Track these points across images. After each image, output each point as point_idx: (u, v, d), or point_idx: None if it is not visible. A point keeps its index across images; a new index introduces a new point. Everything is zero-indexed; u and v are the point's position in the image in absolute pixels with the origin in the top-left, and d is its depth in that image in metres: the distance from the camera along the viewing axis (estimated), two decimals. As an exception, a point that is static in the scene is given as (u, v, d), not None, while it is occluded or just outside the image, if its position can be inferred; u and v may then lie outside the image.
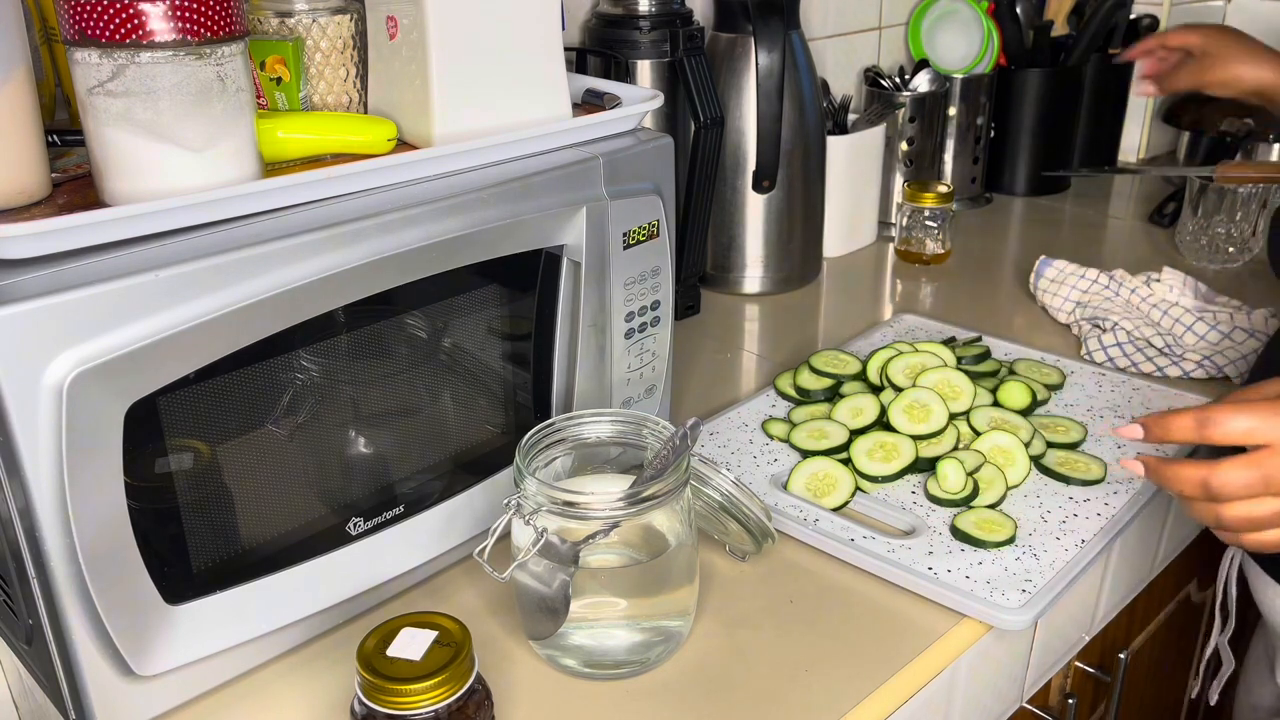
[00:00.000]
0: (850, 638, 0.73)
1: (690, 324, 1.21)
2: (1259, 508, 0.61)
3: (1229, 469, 0.60)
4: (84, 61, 0.57)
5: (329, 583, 0.72)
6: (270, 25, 0.73)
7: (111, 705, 0.63)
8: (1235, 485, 0.60)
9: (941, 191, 1.36)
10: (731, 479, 0.76)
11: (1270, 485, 0.60)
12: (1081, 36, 1.56)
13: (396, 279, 0.68)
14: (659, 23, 1.11)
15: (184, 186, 0.60)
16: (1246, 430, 0.60)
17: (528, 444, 0.69)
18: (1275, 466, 0.60)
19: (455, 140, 0.71)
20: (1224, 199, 1.31)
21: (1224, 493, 0.61)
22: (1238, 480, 0.60)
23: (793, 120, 1.21)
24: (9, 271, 0.55)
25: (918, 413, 0.92)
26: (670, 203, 0.83)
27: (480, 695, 0.61)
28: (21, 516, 0.57)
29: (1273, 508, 0.61)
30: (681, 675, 0.70)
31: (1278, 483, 0.60)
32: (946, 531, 0.82)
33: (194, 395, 0.62)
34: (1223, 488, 0.61)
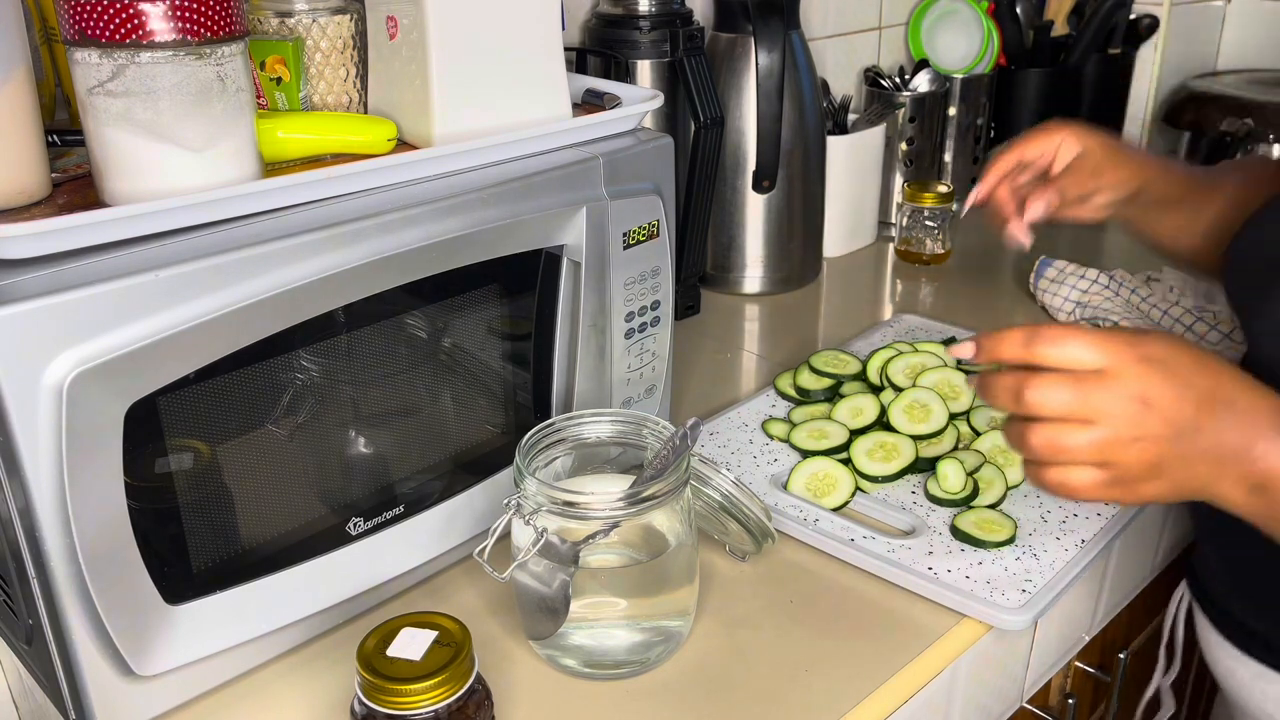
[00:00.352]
0: (850, 638, 0.73)
1: (690, 324, 1.21)
2: (1068, 436, 0.56)
3: (1045, 382, 0.55)
4: (84, 61, 0.57)
5: (329, 583, 0.72)
6: (270, 25, 0.73)
7: (111, 705, 0.63)
8: (1049, 402, 0.56)
9: (941, 191, 1.36)
10: (731, 479, 0.76)
11: (1087, 412, 0.55)
12: (1081, 36, 1.56)
13: (396, 279, 0.68)
14: (659, 23, 1.11)
15: (184, 186, 0.60)
16: (1075, 354, 0.55)
17: (528, 444, 0.69)
18: (1099, 395, 0.55)
19: (455, 140, 0.71)
20: (1224, 199, 1.31)
21: (1034, 407, 0.56)
22: (1053, 398, 0.55)
23: (793, 120, 1.21)
24: (9, 271, 0.55)
25: (918, 413, 0.92)
26: (670, 203, 0.83)
27: (480, 695, 0.61)
28: (21, 516, 0.57)
29: (1083, 438, 0.55)
30: (681, 675, 0.70)
31: (1096, 412, 0.55)
32: (946, 531, 0.82)
33: (194, 395, 0.62)
34: (1034, 401, 0.56)
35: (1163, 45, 1.73)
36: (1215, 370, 0.56)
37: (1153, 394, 0.55)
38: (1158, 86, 1.76)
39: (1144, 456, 0.56)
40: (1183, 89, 1.70)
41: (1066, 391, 0.55)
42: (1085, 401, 0.55)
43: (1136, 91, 1.72)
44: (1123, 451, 0.56)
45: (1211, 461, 0.56)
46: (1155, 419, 0.55)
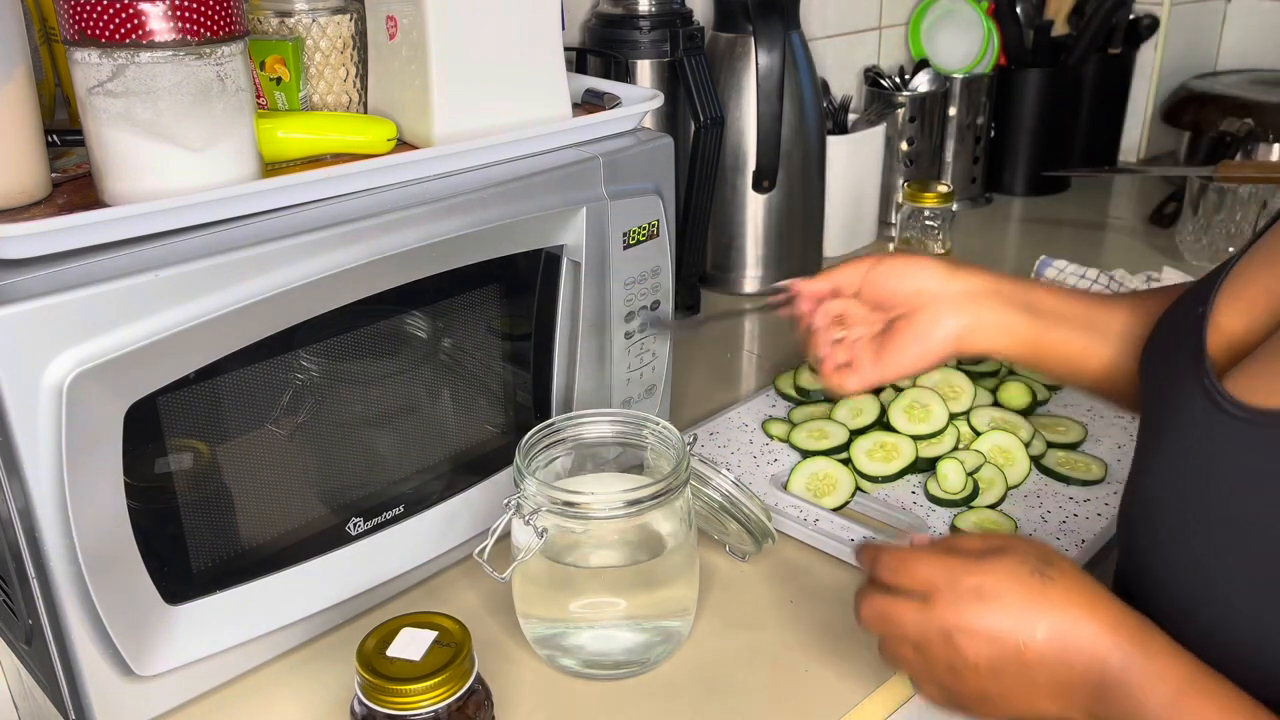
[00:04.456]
0: (851, 638, 0.73)
1: (690, 324, 1.21)
2: (898, 650, 0.58)
3: (868, 598, 0.59)
4: (84, 61, 0.57)
5: (329, 583, 0.72)
6: (270, 25, 0.73)
7: (111, 705, 0.63)
8: (871, 617, 0.59)
9: (941, 191, 1.36)
10: (731, 479, 0.76)
11: (907, 634, 0.57)
12: (1081, 36, 1.56)
13: (396, 279, 0.68)
14: (659, 23, 1.11)
15: (184, 186, 0.60)
16: (909, 579, 0.57)
17: (528, 444, 0.69)
18: (914, 621, 0.56)
19: (455, 140, 0.71)
20: (1224, 199, 1.31)
21: (862, 618, 0.59)
22: (873, 614, 0.59)
23: (793, 120, 1.21)
24: (9, 271, 0.55)
25: (918, 413, 0.92)
26: (670, 203, 0.83)
27: (480, 695, 0.61)
28: (21, 516, 0.57)
29: (908, 653, 0.58)
30: (681, 675, 0.70)
31: (914, 639, 0.57)
32: (947, 531, 0.82)
33: (194, 395, 0.62)
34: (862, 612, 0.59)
35: (1163, 45, 1.73)
36: (1052, 602, 0.54)
37: (965, 629, 0.55)
38: (1158, 86, 1.76)
39: (964, 686, 0.56)
40: (1183, 89, 1.70)
41: (889, 612, 0.58)
42: (903, 627, 0.57)
43: (1136, 91, 1.72)
44: (944, 676, 0.56)
45: (1052, 696, 0.54)
46: (968, 653, 0.55)
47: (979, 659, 0.54)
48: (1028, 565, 0.55)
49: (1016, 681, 0.54)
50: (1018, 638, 0.54)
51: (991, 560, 0.56)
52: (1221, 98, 1.61)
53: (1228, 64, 1.87)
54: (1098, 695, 0.53)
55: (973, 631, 0.54)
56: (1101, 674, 0.52)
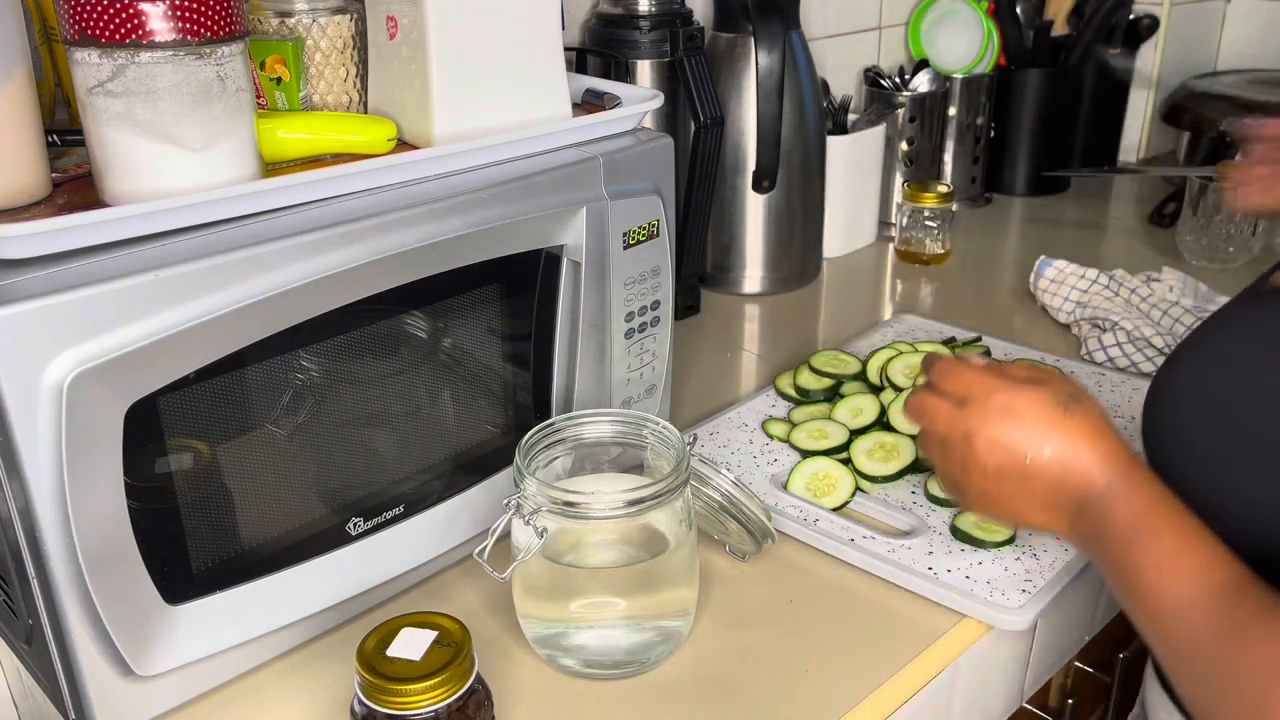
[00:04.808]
0: (850, 638, 0.73)
1: (690, 324, 1.21)
2: (924, 441, 0.68)
3: (914, 394, 0.68)
4: (84, 61, 0.57)
5: (329, 583, 0.72)
6: (270, 25, 0.73)
7: (111, 705, 0.63)
8: (911, 410, 0.68)
9: (941, 191, 1.36)
10: (731, 479, 0.76)
11: (933, 430, 0.66)
12: (1081, 36, 1.56)
13: (396, 279, 0.68)
14: (659, 23, 1.11)
15: (184, 186, 0.60)
16: (951, 384, 0.65)
17: (528, 444, 0.69)
18: (944, 419, 0.65)
19: (455, 140, 0.71)
20: (1224, 199, 1.31)
21: (909, 411, 0.69)
22: (915, 407, 0.68)
23: (793, 120, 1.21)
24: (9, 271, 0.55)
25: (918, 413, 0.92)
26: (670, 203, 0.83)
27: (480, 695, 0.61)
28: (21, 516, 0.57)
29: (932, 445, 0.67)
30: (681, 675, 0.70)
31: (941, 435, 0.65)
32: (946, 531, 0.82)
33: (194, 395, 0.62)
34: (909, 406, 0.69)
35: (1163, 45, 1.73)
36: (1066, 430, 0.61)
37: (984, 436, 0.63)
38: (1158, 86, 1.76)
39: (970, 482, 0.64)
40: (1183, 89, 1.70)
41: (926, 406, 0.67)
42: (935, 421, 0.66)
43: (1136, 91, 1.72)
44: (955, 470, 0.65)
45: (1043, 507, 0.62)
46: (981, 457, 0.63)
47: (988, 462, 0.63)
48: (1056, 398, 0.62)
49: (1015, 489, 0.63)
50: (1025, 452, 0.61)
51: (1027, 387, 0.63)
52: (1221, 98, 1.61)
53: (1228, 64, 1.87)
54: (1080, 510, 0.60)
55: (988, 439, 0.63)
56: (1087, 492, 0.60)
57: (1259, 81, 1.68)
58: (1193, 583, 0.54)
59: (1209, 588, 0.53)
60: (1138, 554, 0.57)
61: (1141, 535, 0.57)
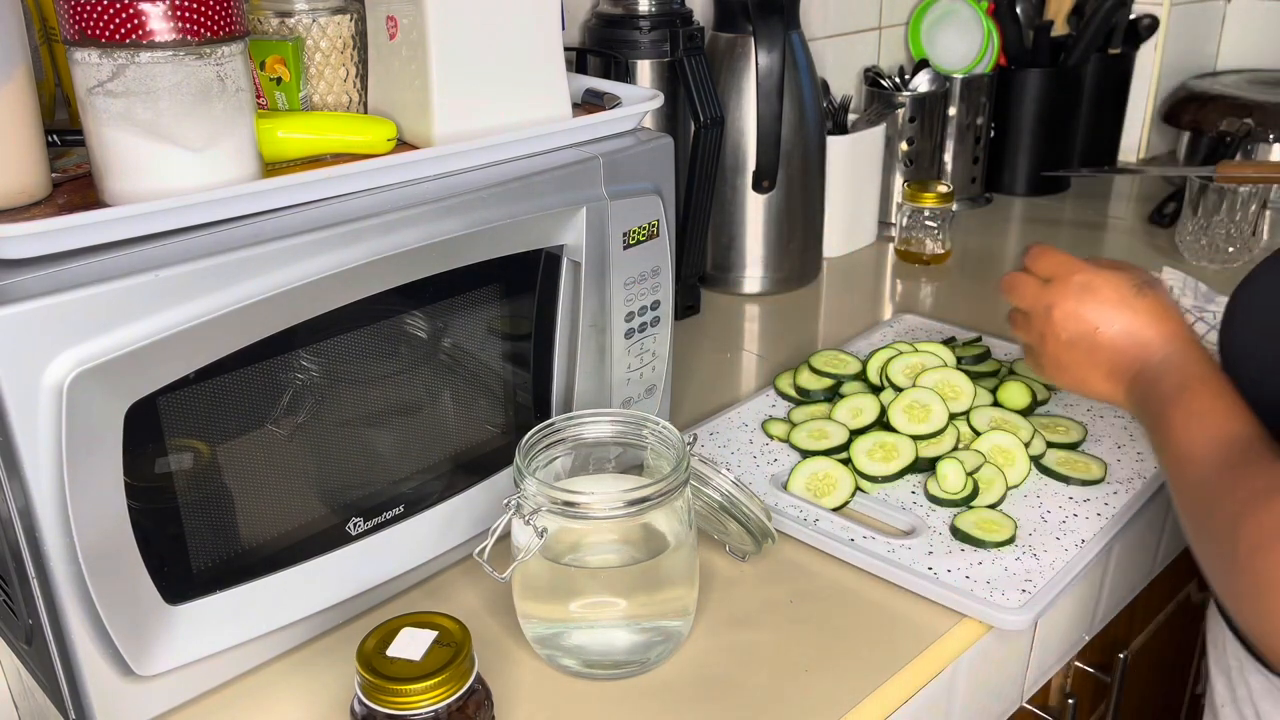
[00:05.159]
0: (850, 638, 0.73)
1: (690, 324, 1.21)
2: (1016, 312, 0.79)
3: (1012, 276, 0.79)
4: (84, 61, 0.57)
5: (329, 583, 0.72)
6: (270, 25, 0.73)
7: (111, 705, 0.63)
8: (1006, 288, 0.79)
9: (941, 191, 1.36)
10: (731, 479, 0.76)
11: (1019, 301, 0.78)
12: (1081, 36, 1.56)
13: (397, 279, 0.68)
14: (659, 23, 1.11)
15: (184, 186, 0.60)
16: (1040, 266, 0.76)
17: (528, 444, 0.69)
18: (1029, 293, 0.76)
19: (455, 140, 0.71)
20: (1224, 199, 1.31)
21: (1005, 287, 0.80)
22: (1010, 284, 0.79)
23: (793, 120, 1.21)
24: (9, 271, 0.55)
25: (918, 413, 0.92)
26: (670, 203, 0.83)
27: (480, 695, 0.61)
28: (21, 516, 0.57)
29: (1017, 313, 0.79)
30: (681, 675, 0.70)
31: (1025, 302, 0.77)
32: (946, 531, 0.82)
33: (194, 395, 0.62)
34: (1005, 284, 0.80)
35: (1162, 45, 1.73)
36: (1137, 308, 0.71)
37: (1063, 309, 0.73)
38: (1158, 86, 1.76)
39: (1046, 349, 0.76)
40: (1183, 89, 1.70)
41: (1016, 283, 0.79)
42: (1021, 293, 0.78)
43: (1136, 91, 1.72)
44: (1035, 339, 0.77)
45: (1106, 375, 0.72)
46: (1058, 327, 0.74)
47: (1062, 331, 0.74)
48: (1131, 281, 0.72)
49: (1084, 357, 0.73)
50: (1096, 325, 0.72)
51: (1107, 269, 0.74)
52: (1221, 98, 1.61)
53: (1228, 64, 1.87)
54: (1136, 377, 0.70)
55: (1066, 311, 0.73)
56: (1144, 362, 0.69)
57: (1259, 81, 1.68)
58: (1212, 430, 0.62)
59: (1226, 435, 0.61)
60: (1174, 409, 0.65)
61: (1183, 394, 0.65)
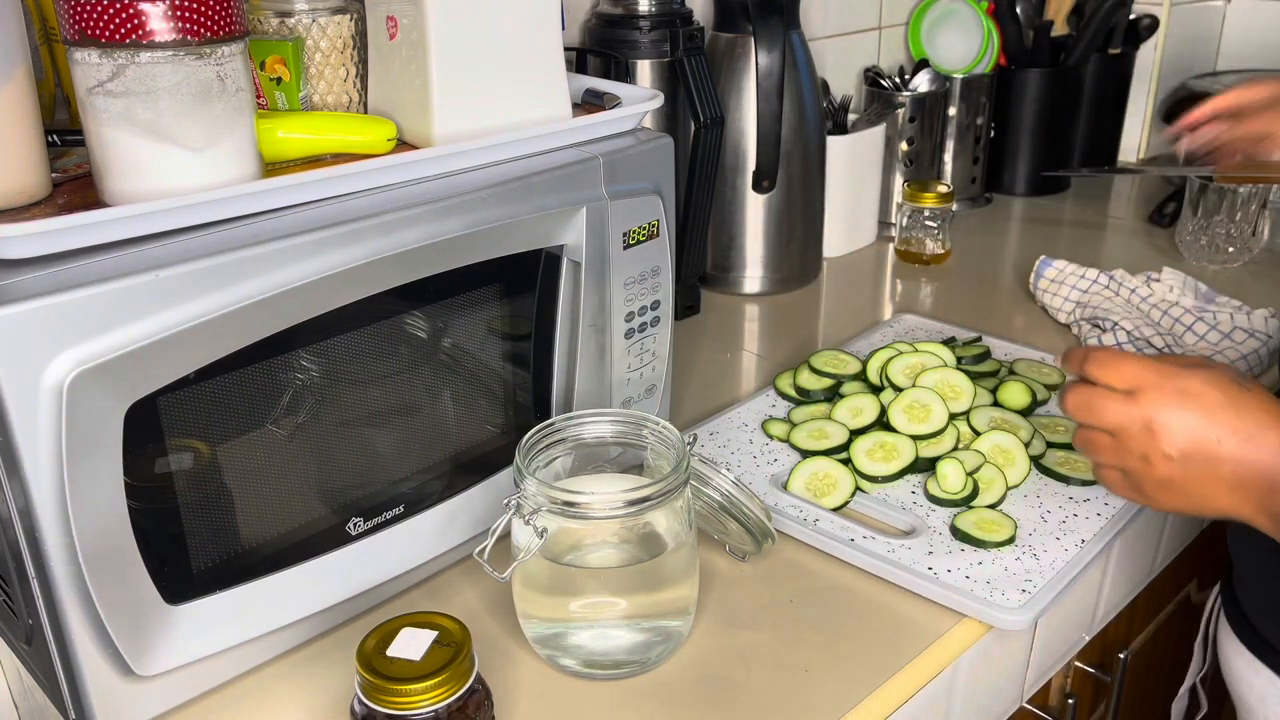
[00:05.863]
0: (850, 638, 0.73)
1: (690, 324, 1.21)
2: (1095, 439, 0.66)
3: (1079, 393, 0.66)
4: (84, 61, 0.57)
5: (329, 583, 0.72)
6: (270, 25, 0.73)
7: (111, 705, 0.63)
8: (1078, 411, 0.66)
9: (941, 191, 1.36)
10: (731, 479, 0.76)
11: (1106, 425, 0.64)
12: (1081, 36, 1.56)
13: (396, 279, 0.68)
14: (659, 23, 1.11)
15: (184, 186, 0.60)
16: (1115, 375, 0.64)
17: (528, 444, 0.69)
18: (1117, 412, 0.64)
19: (455, 140, 0.71)
20: (1224, 199, 1.31)
21: (1071, 411, 0.66)
22: (1081, 407, 0.65)
23: (793, 120, 1.21)
24: (9, 271, 0.55)
25: (918, 413, 0.92)
26: (670, 203, 0.83)
27: (480, 695, 0.61)
28: (21, 516, 0.57)
29: (1103, 443, 0.65)
30: (681, 675, 0.70)
31: (1113, 427, 0.64)
32: (946, 531, 0.82)
33: (194, 395, 0.62)
34: (1070, 406, 0.66)
35: (1162, 45, 1.73)
36: (1247, 407, 0.61)
37: (1165, 422, 0.62)
38: (1158, 86, 1.76)
39: (1152, 472, 0.63)
40: (1183, 89, 1.70)
41: (1094, 402, 0.65)
42: (1104, 416, 0.64)
43: (1136, 91, 1.72)
44: (1134, 463, 0.64)
45: (1230, 489, 0.61)
46: (1164, 444, 0.62)
47: (1173, 448, 0.62)
48: (1229, 376, 0.63)
49: (1202, 472, 0.62)
50: (1213, 433, 0.61)
51: (1197, 368, 0.63)
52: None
53: (1228, 64, 1.87)
54: (1270, 491, 0.60)
55: (1173, 423, 0.62)
56: (1277, 470, 0.60)
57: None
58: None
59: None
60: None
61: None
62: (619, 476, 0.75)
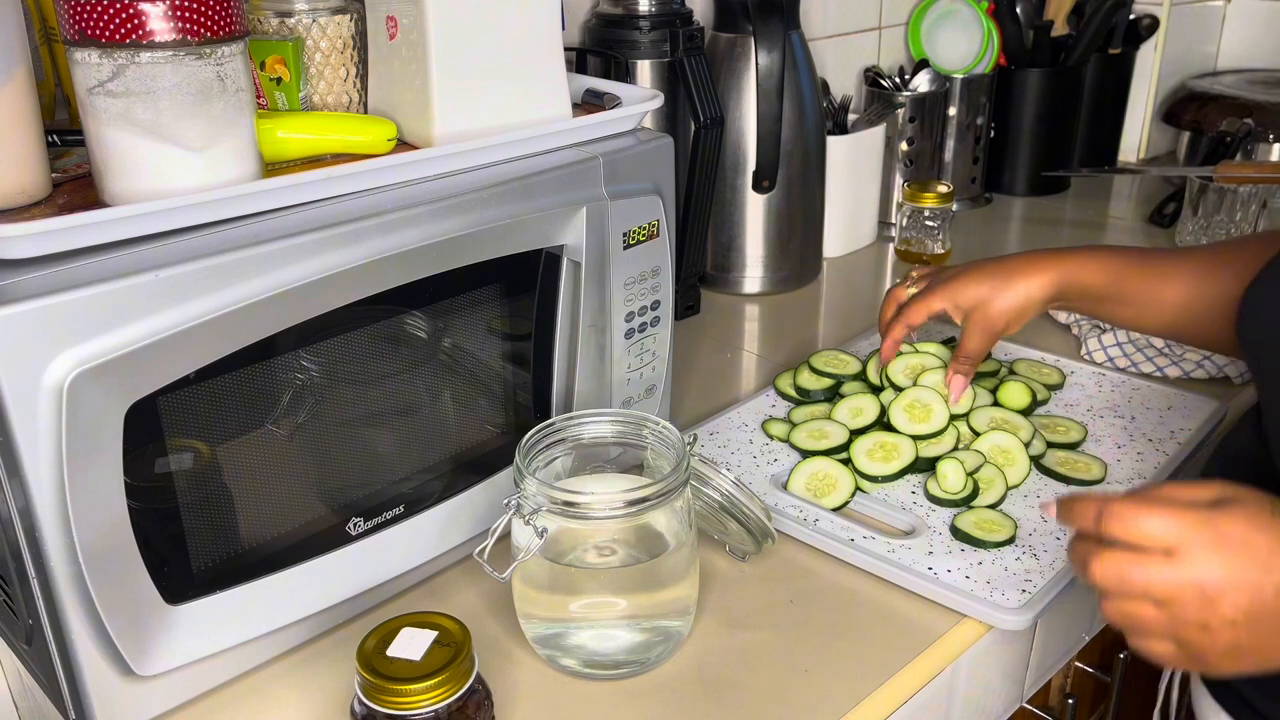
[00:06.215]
0: (850, 638, 0.73)
1: (690, 324, 1.21)
2: (1140, 609, 0.55)
3: (1111, 560, 0.55)
4: (84, 61, 0.57)
5: (329, 583, 0.72)
6: (270, 25, 0.73)
7: (111, 705, 0.63)
8: (1109, 582, 0.55)
9: (941, 191, 1.36)
10: (731, 479, 0.76)
11: (1153, 595, 0.54)
12: (1081, 36, 1.56)
13: (396, 279, 0.68)
14: (659, 23, 1.11)
15: (184, 186, 0.60)
16: (1144, 532, 0.54)
17: (528, 444, 0.69)
18: (1163, 578, 0.54)
19: (455, 140, 0.71)
20: (1224, 199, 1.31)
21: (1100, 581, 0.56)
22: (1115, 576, 0.55)
23: (793, 120, 1.21)
24: (9, 271, 0.55)
25: (918, 412, 0.92)
26: (670, 203, 0.83)
27: (480, 695, 0.61)
28: (21, 516, 0.57)
29: (1151, 615, 0.55)
30: (681, 675, 0.70)
31: (1162, 596, 0.54)
32: (946, 531, 0.82)
33: (194, 395, 0.62)
34: (1099, 575, 0.56)
35: (1162, 45, 1.73)
36: None
37: (1220, 582, 0.53)
38: (1158, 86, 1.76)
39: (1215, 642, 0.54)
40: (1183, 89, 1.70)
41: (1131, 571, 0.55)
42: (1148, 585, 0.54)
43: (1136, 91, 1.72)
44: (1191, 634, 0.54)
45: None
46: (1225, 607, 0.53)
47: (1236, 612, 0.53)
48: (1265, 509, 0.54)
49: (1274, 628, 0.53)
50: (1276, 583, 0.52)
51: (1229, 507, 0.54)
52: (1221, 98, 1.61)
53: (1228, 64, 1.87)
54: None
55: (1230, 583, 0.53)
56: None
57: (1259, 81, 1.69)
58: None
59: None
60: None
61: None
62: (619, 476, 0.75)
